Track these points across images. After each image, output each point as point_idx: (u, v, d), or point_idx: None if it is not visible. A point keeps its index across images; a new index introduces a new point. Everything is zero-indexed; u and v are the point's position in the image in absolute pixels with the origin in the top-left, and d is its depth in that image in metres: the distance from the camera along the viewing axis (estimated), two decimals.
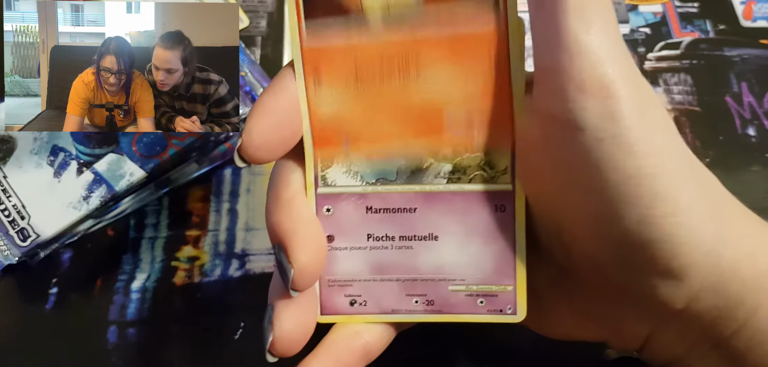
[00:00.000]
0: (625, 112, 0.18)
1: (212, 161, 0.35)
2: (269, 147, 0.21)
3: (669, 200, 0.19)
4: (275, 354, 0.21)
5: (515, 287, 0.23)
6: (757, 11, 0.42)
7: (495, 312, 0.23)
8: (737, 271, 0.20)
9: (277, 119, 0.21)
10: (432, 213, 0.22)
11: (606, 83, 0.18)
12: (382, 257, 0.23)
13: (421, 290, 0.23)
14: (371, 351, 0.24)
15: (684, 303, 0.20)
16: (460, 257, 0.23)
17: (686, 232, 0.19)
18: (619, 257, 0.20)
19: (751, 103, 0.38)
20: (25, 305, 0.31)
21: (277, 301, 0.22)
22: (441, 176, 0.22)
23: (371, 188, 0.22)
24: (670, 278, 0.20)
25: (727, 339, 0.21)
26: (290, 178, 0.22)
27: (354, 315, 0.24)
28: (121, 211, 0.34)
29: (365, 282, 0.23)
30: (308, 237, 0.21)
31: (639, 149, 0.18)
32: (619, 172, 0.19)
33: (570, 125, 0.19)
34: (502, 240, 0.22)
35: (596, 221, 0.20)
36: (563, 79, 0.19)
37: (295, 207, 0.22)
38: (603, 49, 0.18)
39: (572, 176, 0.20)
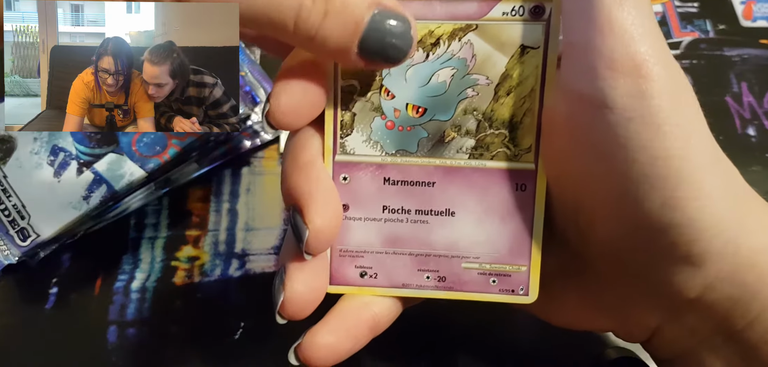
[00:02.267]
0: (656, 92, 0.18)
1: (212, 161, 0.35)
2: (297, 111, 0.21)
3: (694, 183, 0.18)
4: (285, 316, 0.21)
5: (529, 267, 0.23)
6: (757, 11, 0.42)
7: (507, 292, 0.23)
8: (755, 262, 0.20)
9: (303, 85, 0.21)
10: (451, 188, 0.22)
11: (638, 62, 0.18)
12: (396, 230, 0.23)
13: (433, 266, 0.23)
14: (379, 324, 0.24)
15: (698, 292, 0.20)
16: (475, 234, 0.23)
17: (709, 217, 0.19)
18: (638, 240, 0.20)
19: (751, 103, 0.38)
20: (25, 305, 0.31)
21: (289, 263, 0.22)
22: (463, 151, 0.22)
23: (390, 159, 0.22)
24: (688, 265, 0.20)
25: (739, 332, 0.20)
26: (309, 143, 0.22)
27: (364, 287, 0.23)
28: (121, 211, 0.34)
29: (377, 254, 0.23)
30: (325, 200, 0.21)
31: (668, 130, 0.18)
32: (647, 153, 0.18)
33: (598, 103, 0.19)
34: (519, 220, 0.22)
35: (618, 202, 0.20)
36: (593, 56, 0.19)
37: (314, 170, 0.21)
38: (636, 26, 0.18)
39: (597, 156, 0.19)
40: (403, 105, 0.22)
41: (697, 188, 0.18)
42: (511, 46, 0.21)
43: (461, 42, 0.21)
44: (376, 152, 0.22)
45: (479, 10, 0.21)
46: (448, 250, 0.23)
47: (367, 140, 0.22)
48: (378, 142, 0.22)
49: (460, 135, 0.22)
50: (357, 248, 0.23)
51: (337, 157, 0.22)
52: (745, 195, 0.21)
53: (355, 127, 0.22)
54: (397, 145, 0.22)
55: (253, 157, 0.36)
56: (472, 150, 0.22)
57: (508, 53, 0.21)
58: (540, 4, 0.20)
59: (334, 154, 0.22)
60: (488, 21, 0.21)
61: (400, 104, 0.22)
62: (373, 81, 0.22)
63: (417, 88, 0.22)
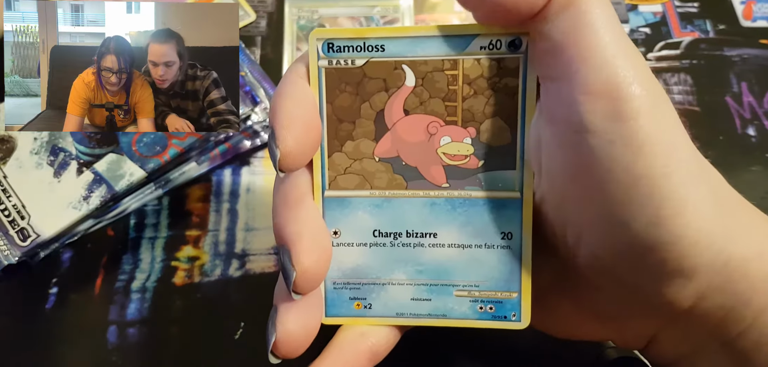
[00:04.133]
0: (634, 113, 0.18)
1: (212, 161, 0.35)
2: (304, 153, 0.21)
3: (679, 200, 0.18)
4: (278, 355, 0.21)
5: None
6: (757, 11, 0.42)
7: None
8: (746, 270, 0.20)
9: (304, 124, 0.21)
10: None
11: (613, 84, 0.18)
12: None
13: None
14: (378, 353, 0.24)
15: (691, 302, 0.20)
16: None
17: (696, 232, 0.19)
18: (627, 258, 0.20)
19: (751, 103, 0.38)
20: (25, 304, 0.31)
21: (281, 302, 0.22)
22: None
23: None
24: (679, 278, 0.20)
25: (733, 339, 0.20)
26: (298, 180, 0.22)
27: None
28: (121, 211, 0.34)
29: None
30: (313, 241, 0.21)
31: (649, 150, 0.18)
32: (629, 174, 0.18)
33: (579, 129, 0.19)
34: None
35: (605, 223, 0.20)
36: (569, 83, 0.19)
37: (303, 210, 0.21)
38: (609, 49, 0.18)
39: (582, 179, 0.19)
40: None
41: (681, 204, 0.18)
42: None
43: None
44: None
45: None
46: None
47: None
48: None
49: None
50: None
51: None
52: (732, 203, 0.21)
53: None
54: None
55: (253, 157, 0.36)
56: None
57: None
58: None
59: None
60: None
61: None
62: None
63: None
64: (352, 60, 0.21)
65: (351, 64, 0.21)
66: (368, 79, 0.22)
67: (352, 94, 0.22)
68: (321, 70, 0.21)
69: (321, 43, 0.21)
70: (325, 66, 0.21)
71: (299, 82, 0.21)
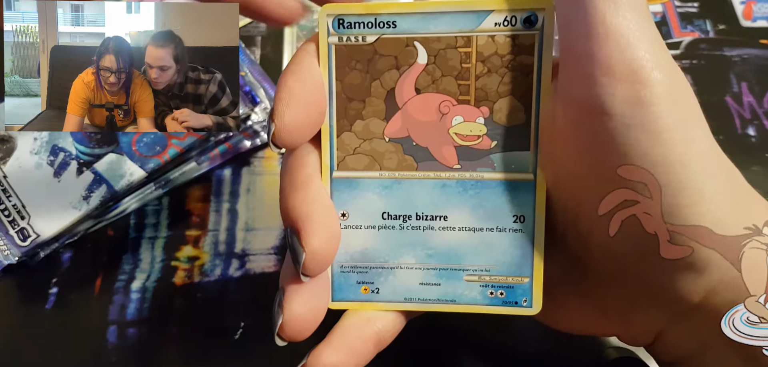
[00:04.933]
0: (655, 98, 0.18)
1: (212, 161, 0.35)
2: (302, 130, 0.20)
3: (695, 190, 0.18)
4: (284, 338, 0.21)
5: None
6: (757, 11, 0.42)
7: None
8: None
9: (305, 102, 0.20)
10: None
11: (635, 67, 0.18)
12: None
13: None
14: (383, 339, 0.23)
15: (701, 297, 0.20)
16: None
17: (711, 223, 0.18)
18: (639, 248, 0.20)
19: (751, 103, 0.38)
20: (25, 305, 0.31)
21: (288, 284, 0.21)
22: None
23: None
24: (691, 271, 0.19)
25: None
26: (306, 160, 0.22)
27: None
28: (121, 211, 0.34)
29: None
30: (322, 221, 0.21)
31: (668, 137, 0.18)
32: (647, 160, 0.18)
33: (597, 111, 0.18)
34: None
35: (618, 210, 0.19)
36: (590, 63, 0.18)
37: (311, 190, 0.21)
38: (632, 30, 0.18)
39: (596, 164, 0.19)
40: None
41: (698, 194, 0.18)
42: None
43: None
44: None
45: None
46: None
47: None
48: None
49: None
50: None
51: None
52: (746, 198, 0.20)
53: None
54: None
55: (253, 157, 0.36)
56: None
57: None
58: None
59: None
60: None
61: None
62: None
63: None
64: (363, 37, 0.21)
65: (361, 41, 0.21)
66: (379, 57, 0.21)
67: (362, 71, 0.21)
68: (331, 46, 0.21)
69: (331, 19, 0.21)
70: (335, 42, 0.21)
71: (306, 60, 0.21)
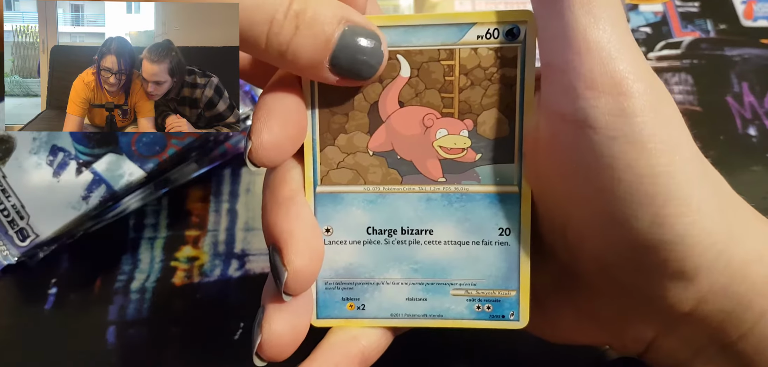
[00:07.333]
0: (638, 110, 0.18)
1: (212, 161, 0.35)
2: (280, 148, 0.20)
3: (682, 199, 0.18)
4: (263, 358, 0.21)
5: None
6: (758, 11, 0.42)
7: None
8: (746, 273, 0.19)
9: (283, 119, 0.20)
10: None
11: (617, 80, 0.18)
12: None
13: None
14: (369, 357, 0.23)
15: (692, 305, 0.20)
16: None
17: (699, 232, 0.18)
18: (629, 258, 0.20)
19: (751, 103, 0.38)
20: (24, 305, 0.31)
21: (269, 303, 0.21)
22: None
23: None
24: (681, 280, 0.19)
25: (733, 343, 0.20)
26: (288, 176, 0.21)
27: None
28: (120, 211, 0.34)
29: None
30: (305, 240, 0.20)
31: (653, 147, 0.18)
32: (632, 171, 0.18)
33: (580, 124, 0.19)
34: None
35: (607, 222, 0.19)
36: (573, 76, 0.18)
37: (294, 207, 0.21)
38: (613, 43, 0.18)
39: (583, 175, 0.19)
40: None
41: (685, 203, 0.18)
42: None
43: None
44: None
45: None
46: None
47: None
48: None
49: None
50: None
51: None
52: (732, 204, 0.20)
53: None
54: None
55: None
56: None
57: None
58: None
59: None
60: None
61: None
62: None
63: None
64: None
65: None
66: None
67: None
68: None
69: None
70: None
71: (287, 77, 0.21)
